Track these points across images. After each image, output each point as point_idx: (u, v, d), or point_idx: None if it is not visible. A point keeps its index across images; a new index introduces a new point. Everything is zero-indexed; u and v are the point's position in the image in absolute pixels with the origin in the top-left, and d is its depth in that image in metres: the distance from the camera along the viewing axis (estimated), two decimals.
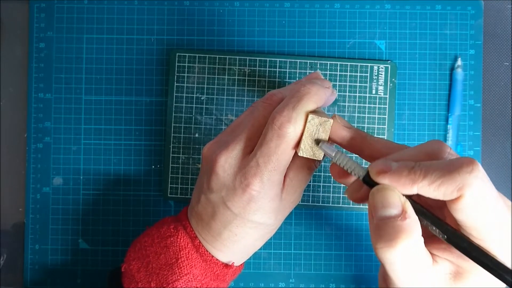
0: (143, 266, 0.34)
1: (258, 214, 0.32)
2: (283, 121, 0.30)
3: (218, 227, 0.33)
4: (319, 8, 0.44)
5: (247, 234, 0.33)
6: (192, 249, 0.34)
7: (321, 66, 0.43)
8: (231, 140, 0.32)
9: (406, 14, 0.44)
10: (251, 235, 0.33)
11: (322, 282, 0.43)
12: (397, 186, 0.26)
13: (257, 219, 0.32)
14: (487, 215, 0.24)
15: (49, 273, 0.43)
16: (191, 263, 0.33)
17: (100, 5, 0.44)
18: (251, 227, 0.33)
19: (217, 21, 0.44)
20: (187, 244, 0.34)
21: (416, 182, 0.25)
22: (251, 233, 0.33)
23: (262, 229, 0.33)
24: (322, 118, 0.30)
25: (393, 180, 0.26)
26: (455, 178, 0.24)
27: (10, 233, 0.44)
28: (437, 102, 0.44)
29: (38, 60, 0.44)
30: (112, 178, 0.44)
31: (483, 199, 0.24)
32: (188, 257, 0.33)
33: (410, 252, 0.25)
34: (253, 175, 0.31)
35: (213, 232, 0.33)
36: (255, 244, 0.35)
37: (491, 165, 0.44)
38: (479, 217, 0.24)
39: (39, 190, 0.44)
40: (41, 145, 0.44)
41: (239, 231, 0.33)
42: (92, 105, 0.44)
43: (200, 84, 0.44)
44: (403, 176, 0.25)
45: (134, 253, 0.35)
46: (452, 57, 0.44)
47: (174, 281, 0.33)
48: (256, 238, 0.34)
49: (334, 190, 0.43)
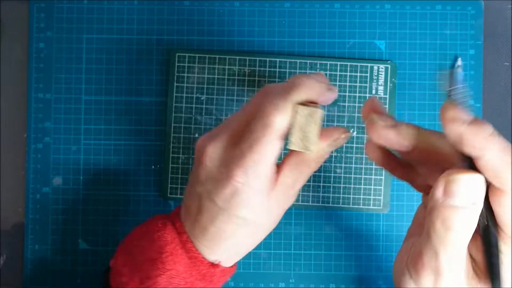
0: (128, 261, 0.33)
1: (245, 210, 0.31)
2: (270, 110, 0.29)
3: (205, 222, 0.32)
4: (319, 8, 0.44)
5: (235, 232, 0.32)
6: (178, 245, 0.32)
7: (321, 66, 0.43)
8: (220, 131, 0.32)
9: (406, 14, 0.44)
10: (240, 232, 0.32)
11: (322, 282, 0.43)
12: (471, 140, 0.23)
13: (245, 215, 0.31)
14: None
15: (49, 273, 0.43)
16: (175, 259, 0.32)
17: (100, 5, 0.44)
18: (239, 224, 0.31)
19: (217, 21, 0.44)
20: (173, 239, 0.32)
21: (485, 150, 0.23)
22: (240, 231, 0.32)
23: (252, 228, 0.32)
24: (311, 108, 0.29)
25: (470, 133, 0.23)
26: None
27: (10, 233, 0.44)
28: (437, 102, 0.44)
29: (38, 60, 0.44)
30: (112, 178, 0.44)
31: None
32: (172, 252, 0.32)
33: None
34: (237, 166, 0.30)
35: (201, 228, 0.32)
36: (246, 244, 0.34)
37: None
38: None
39: (39, 190, 0.44)
40: (41, 145, 0.44)
41: (227, 228, 0.31)
42: (92, 105, 0.44)
43: (200, 84, 0.44)
44: (481, 135, 0.23)
45: (122, 248, 0.35)
46: (452, 57, 0.44)
47: (156, 276, 0.32)
48: (246, 236, 0.32)
49: (334, 190, 0.43)
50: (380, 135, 0.26)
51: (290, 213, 0.44)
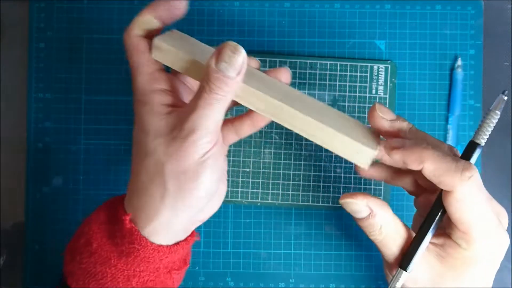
0: (68, 246, 0.34)
1: (137, 126, 0.32)
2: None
3: (132, 176, 0.32)
4: (319, 8, 0.44)
5: (141, 170, 0.31)
6: (104, 210, 0.32)
7: (321, 66, 0.43)
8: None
9: (406, 14, 0.44)
10: (145, 168, 0.31)
11: (322, 282, 0.43)
12: (406, 160, 0.29)
13: (138, 136, 0.32)
14: (471, 212, 0.29)
15: (49, 273, 0.43)
16: (96, 218, 0.32)
17: (100, 5, 0.44)
18: (141, 158, 0.31)
19: (217, 21, 0.44)
20: (103, 207, 0.33)
21: (423, 163, 0.29)
22: (144, 166, 0.31)
23: (149, 159, 0.30)
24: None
25: (406, 155, 0.29)
26: (455, 176, 0.28)
27: (10, 233, 0.44)
28: (437, 102, 0.44)
29: (38, 60, 0.44)
30: (112, 178, 0.44)
31: (470, 200, 0.28)
32: (93, 219, 0.32)
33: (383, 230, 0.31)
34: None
35: (132, 185, 0.32)
36: (165, 204, 0.30)
37: (491, 165, 0.44)
38: (464, 213, 0.29)
39: (39, 190, 0.44)
40: (41, 145, 0.44)
41: (138, 169, 0.31)
42: (92, 105, 0.44)
43: None
44: (415, 153, 0.29)
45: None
46: (452, 57, 0.44)
47: (79, 245, 0.32)
48: (149, 175, 0.30)
49: (334, 190, 0.43)
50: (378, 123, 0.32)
51: (290, 213, 0.44)
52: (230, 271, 0.44)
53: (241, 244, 0.43)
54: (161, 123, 0.31)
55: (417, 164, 0.29)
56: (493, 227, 0.30)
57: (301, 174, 0.43)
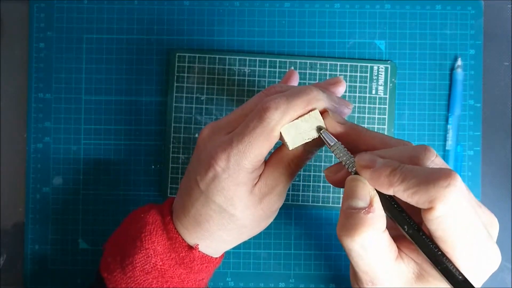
0: (115, 242, 0.35)
1: (221, 197, 0.31)
2: (270, 105, 0.29)
3: (187, 203, 0.32)
4: (319, 8, 0.44)
5: (211, 218, 0.32)
6: (159, 225, 0.33)
7: (321, 66, 0.43)
8: (221, 119, 0.33)
9: (406, 14, 0.44)
10: (215, 220, 0.32)
11: (322, 282, 0.43)
12: (375, 184, 0.26)
13: (220, 202, 0.31)
14: (455, 231, 0.24)
15: (49, 273, 0.43)
16: (153, 238, 0.33)
17: (100, 5, 0.44)
18: (214, 210, 0.32)
19: (217, 21, 0.44)
20: (155, 220, 0.34)
21: (393, 185, 0.25)
22: (215, 218, 0.32)
23: (228, 220, 0.32)
24: (320, 119, 0.30)
25: (374, 178, 0.26)
26: (429, 189, 0.24)
27: (10, 233, 0.44)
28: (437, 102, 0.44)
29: (38, 60, 0.44)
30: (112, 178, 0.44)
31: (453, 215, 0.24)
32: (151, 231, 0.33)
33: (369, 244, 0.25)
34: (222, 150, 0.30)
35: (184, 209, 0.33)
36: (223, 236, 0.33)
37: (491, 165, 0.44)
38: (447, 231, 0.24)
39: (39, 190, 0.44)
40: (41, 145, 0.44)
41: (203, 211, 0.32)
42: (92, 105, 0.44)
43: (200, 84, 0.44)
44: (383, 176, 0.25)
45: (115, 232, 0.36)
46: (452, 57, 0.44)
47: (134, 254, 0.33)
48: (222, 226, 0.32)
49: (334, 190, 0.43)
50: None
51: (290, 213, 0.44)
52: (230, 271, 0.44)
53: (241, 244, 0.43)
54: (250, 197, 0.32)
55: (386, 188, 0.26)
56: (482, 242, 0.25)
57: (301, 174, 0.43)
